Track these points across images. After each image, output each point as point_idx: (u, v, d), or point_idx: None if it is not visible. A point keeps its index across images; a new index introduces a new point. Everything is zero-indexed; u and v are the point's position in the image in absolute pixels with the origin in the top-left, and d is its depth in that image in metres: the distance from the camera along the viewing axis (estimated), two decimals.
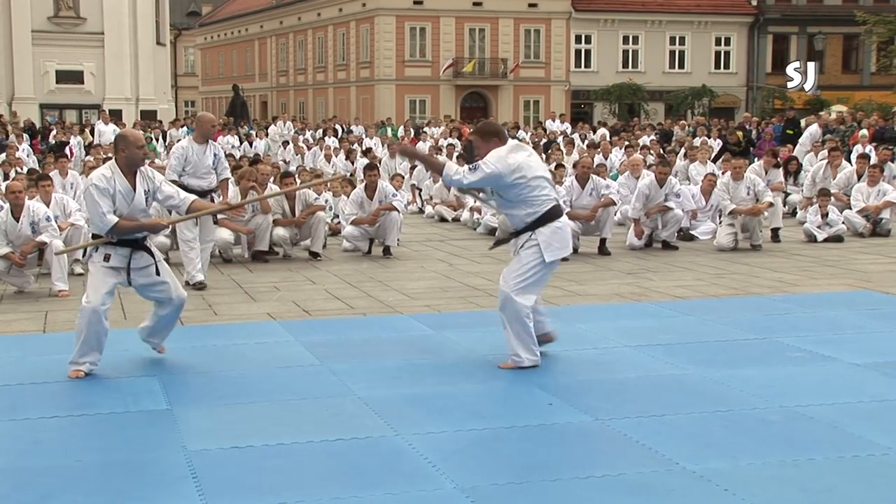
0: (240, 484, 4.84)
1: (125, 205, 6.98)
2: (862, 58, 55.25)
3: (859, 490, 4.73)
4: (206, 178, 10.77)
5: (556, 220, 6.99)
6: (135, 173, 7.08)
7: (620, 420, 5.78)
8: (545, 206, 6.95)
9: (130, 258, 7.07)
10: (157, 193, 7.20)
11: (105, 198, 6.91)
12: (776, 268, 11.94)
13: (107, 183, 6.94)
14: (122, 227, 6.94)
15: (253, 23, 63.53)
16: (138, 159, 7.08)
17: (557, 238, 6.97)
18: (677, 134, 30.57)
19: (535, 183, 6.91)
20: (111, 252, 7.03)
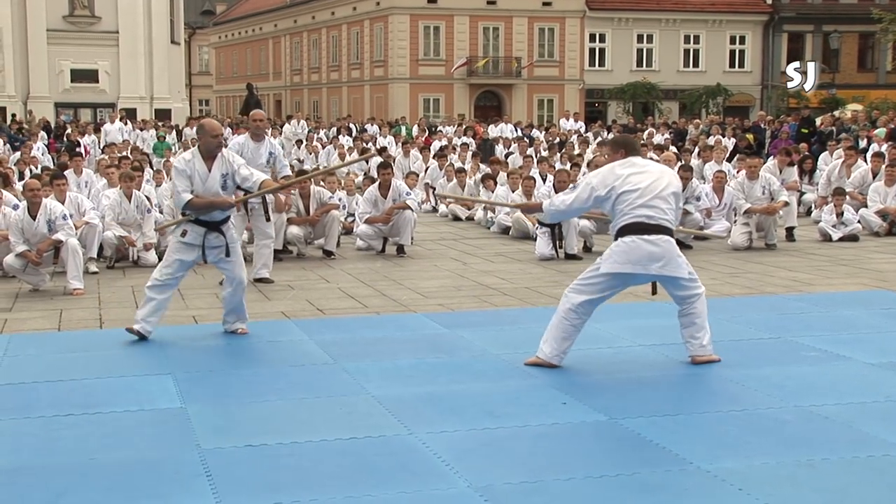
0: (253, 482, 4.84)
1: (200, 185, 7.92)
2: (878, 56, 55.02)
3: (874, 490, 4.71)
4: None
5: (630, 234, 6.80)
6: (214, 158, 7.98)
7: (634, 419, 5.76)
8: (625, 219, 6.82)
9: (205, 237, 7.96)
10: (236, 176, 8.04)
11: (182, 178, 7.93)
12: (791, 267, 11.90)
13: (185, 165, 7.98)
14: (195, 203, 7.90)
15: (267, 21, 63.64)
16: (213, 147, 8.02)
17: (621, 251, 6.81)
18: (691, 133, 30.51)
19: (625, 197, 6.81)
20: (189, 229, 7.98)
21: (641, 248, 6.78)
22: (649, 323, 8.50)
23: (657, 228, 6.82)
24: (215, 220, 8.03)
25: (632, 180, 6.84)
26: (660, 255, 6.79)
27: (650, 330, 8.19)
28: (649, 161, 7.37)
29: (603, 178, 6.92)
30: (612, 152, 7.23)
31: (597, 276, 6.93)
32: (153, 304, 7.95)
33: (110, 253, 12.14)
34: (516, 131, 33.30)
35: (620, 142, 7.33)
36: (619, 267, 6.83)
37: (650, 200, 6.81)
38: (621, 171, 6.91)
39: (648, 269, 6.83)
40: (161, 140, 29.29)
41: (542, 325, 8.47)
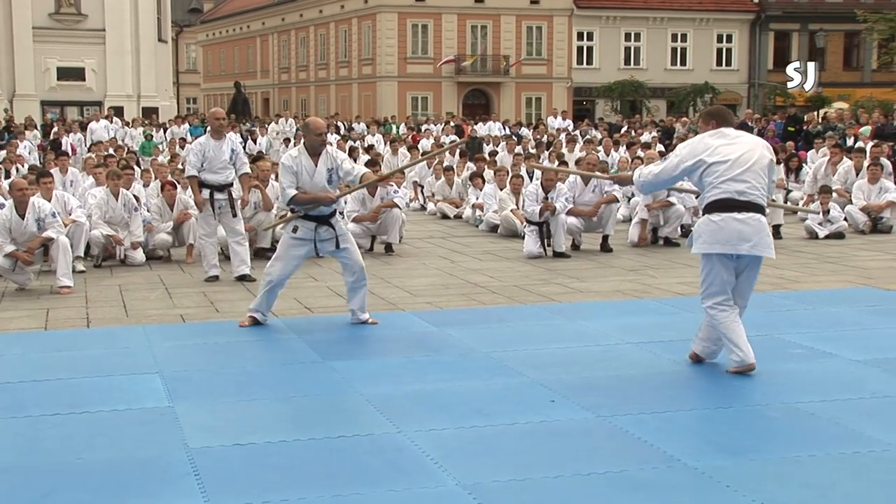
0: (241, 481, 4.84)
1: (308, 180, 8.17)
2: (863, 55, 55.21)
3: (860, 486, 4.73)
4: (222, 172, 10.84)
5: (718, 211, 6.53)
6: (319, 154, 8.24)
7: (622, 417, 5.78)
8: (714, 194, 6.54)
9: (316, 231, 8.23)
10: (339, 171, 8.31)
11: (289, 174, 8.19)
12: (777, 264, 11.92)
13: (292, 162, 8.23)
14: (299, 198, 8.18)
15: (254, 20, 63.52)
16: (317, 144, 8.29)
17: (709, 230, 6.57)
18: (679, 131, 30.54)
19: (714, 169, 6.54)
20: (299, 225, 8.28)
21: (731, 227, 6.51)
22: (637, 321, 8.52)
23: (748, 205, 6.54)
24: (324, 215, 8.29)
25: (721, 151, 6.57)
26: (750, 234, 6.53)
27: (638, 328, 8.21)
28: (742, 132, 7.02)
29: (692, 149, 6.68)
30: (703, 124, 6.94)
31: (704, 266, 6.72)
32: (267, 295, 8.39)
33: (97, 252, 12.11)
34: (504, 129, 33.32)
35: (713, 112, 7.01)
36: (709, 247, 6.60)
37: (741, 174, 6.53)
38: (711, 141, 6.66)
39: (739, 249, 6.56)
40: (148, 139, 29.19)
41: (530, 322, 8.54)
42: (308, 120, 8.90)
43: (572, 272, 11.38)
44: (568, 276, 11.14)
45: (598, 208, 13.24)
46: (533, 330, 8.29)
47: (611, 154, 22.62)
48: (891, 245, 13.68)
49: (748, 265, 6.76)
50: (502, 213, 14.86)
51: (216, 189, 10.83)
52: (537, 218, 12.73)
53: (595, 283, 10.68)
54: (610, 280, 10.87)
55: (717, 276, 6.70)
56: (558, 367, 6.99)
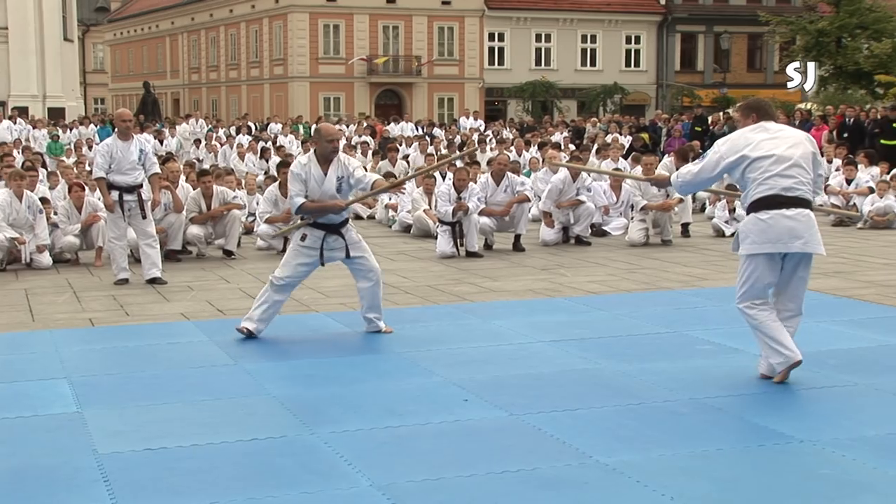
0: (153, 487, 4.78)
1: (317, 188, 7.91)
2: (766, 57, 56.48)
3: (765, 478, 4.84)
4: (130, 174, 10.66)
5: (766, 209, 6.24)
6: (330, 162, 7.98)
7: (535, 415, 5.83)
8: (760, 191, 6.25)
9: (324, 240, 7.98)
10: (351, 179, 8.02)
11: (297, 182, 7.94)
12: (686, 262, 12.15)
13: (301, 169, 7.98)
14: (307, 207, 7.93)
15: (163, 19, 62.67)
16: (328, 151, 8.00)
17: (758, 230, 6.27)
18: (589, 131, 30.93)
19: (758, 165, 6.25)
20: (308, 233, 8.03)
21: (781, 224, 6.22)
22: (548, 319, 8.61)
23: (796, 201, 6.24)
24: (333, 223, 8.04)
25: (765, 146, 6.28)
26: (801, 230, 6.24)
27: (549, 326, 8.29)
28: (784, 126, 6.74)
29: (733, 144, 6.38)
30: (743, 117, 6.63)
31: (746, 268, 6.43)
32: (267, 305, 8.01)
33: (1, 255, 11.84)
34: (417, 130, 33.37)
35: (753, 105, 6.68)
36: (758, 248, 6.30)
37: (787, 169, 6.25)
38: (752, 135, 6.36)
39: (790, 248, 6.27)
40: (55, 140, 28.61)
41: (443, 322, 8.58)
42: (320, 126, 8.68)
43: (485, 272, 11.45)
44: (481, 275, 11.20)
45: (510, 208, 13.34)
46: (446, 330, 8.32)
47: (522, 154, 22.80)
48: None
49: (798, 263, 6.45)
50: (415, 213, 14.88)
51: (125, 191, 10.66)
52: (450, 218, 12.78)
53: (507, 283, 10.76)
54: (522, 279, 10.96)
55: (759, 277, 6.41)
56: (471, 366, 7.03)
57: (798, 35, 43.36)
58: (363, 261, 8.12)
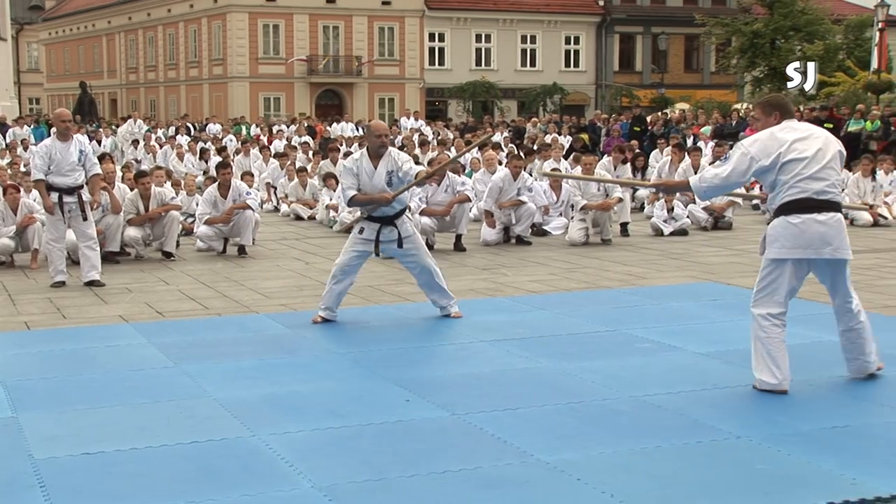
0: (90, 491, 4.73)
1: (367, 182, 8.40)
2: (702, 58, 57.16)
3: (703, 474, 4.90)
4: (70, 174, 10.51)
5: (797, 213, 6.04)
6: (381, 156, 8.44)
7: (476, 414, 5.85)
8: (791, 194, 6.06)
9: (380, 232, 8.45)
10: (400, 172, 8.43)
11: (350, 176, 8.46)
12: (625, 261, 12.26)
13: (353, 164, 8.51)
14: (357, 199, 8.47)
15: (100, 18, 61.88)
16: (377, 146, 8.49)
17: (788, 234, 6.06)
18: (530, 131, 31.07)
19: (790, 167, 6.06)
20: (365, 226, 8.53)
21: (813, 229, 6.03)
22: (490, 319, 8.64)
23: (828, 205, 6.06)
24: (387, 215, 8.47)
25: (797, 147, 6.07)
26: (832, 236, 6.07)
27: (491, 326, 8.32)
28: (808, 124, 6.59)
29: (764, 146, 6.11)
30: (764, 115, 6.41)
31: (770, 271, 6.19)
32: (335, 291, 8.50)
33: None
34: (357, 130, 33.29)
35: (774, 103, 6.48)
36: (788, 252, 6.08)
37: (819, 171, 6.05)
38: (783, 136, 6.13)
39: (822, 254, 6.08)
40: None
41: (384, 322, 8.58)
42: (371, 123, 9.22)
43: None
44: None
45: (450, 208, 13.36)
46: (387, 330, 8.33)
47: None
48: (731, 241, 14.19)
49: (833, 269, 6.25)
50: (356, 213, 14.83)
51: (65, 192, 10.51)
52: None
53: (449, 283, 10.71)
54: (463, 279, 10.98)
55: (783, 283, 6.18)
56: (413, 366, 7.04)
57: (734, 36, 43.95)
58: (414, 255, 8.61)
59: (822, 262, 6.18)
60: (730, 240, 14.36)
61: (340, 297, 8.60)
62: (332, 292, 8.53)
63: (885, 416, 5.79)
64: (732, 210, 15.82)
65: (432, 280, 8.68)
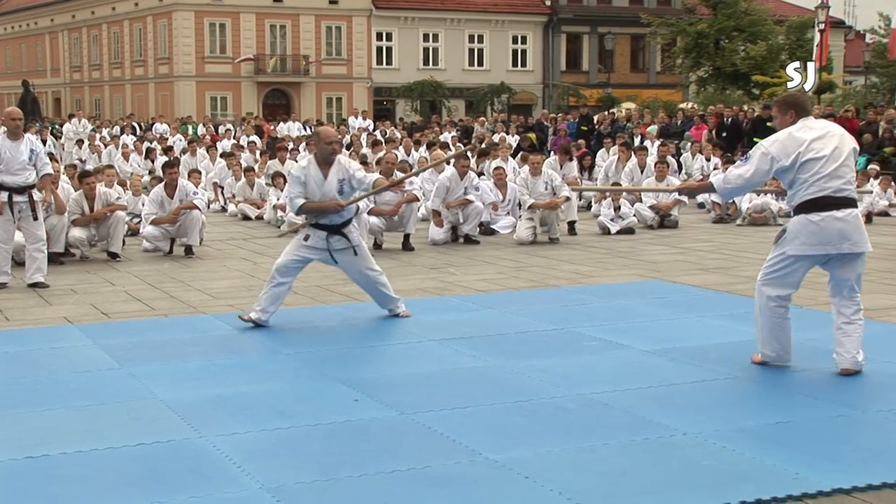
0: (35, 496, 4.67)
1: (316, 191, 8.13)
2: (648, 57, 57.64)
3: (650, 470, 4.95)
4: (21, 174, 10.35)
5: (817, 211, 6.28)
6: (330, 164, 8.19)
7: (425, 413, 5.86)
8: (810, 192, 6.29)
9: (328, 241, 8.24)
10: (352, 180, 8.23)
11: (297, 184, 8.19)
12: (573, 260, 12.33)
13: (301, 172, 8.24)
14: (306, 207, 8.19)
15: (42, 16, 61.07)
16: (328, 153, 8.22)
17: (808, 231, 6.31)
18: (477, 130, 31.15)
19: (810, 166, 6.27)
20: (310, 233, 8.29)
21: (832, 226, 6.29)
22: (438, 318, 8.65)
23: (845, 202, 6.33)
24: (334, 224, 8.25)
25: (815, 147, 6.29)
26: (850, 231, 6.33)
27: (439, 325, 8.33)
28: (827, 122, 6.76)
29: (783, 146, 6.33)
30: (780, 114, 6.59)
31: (784, 261, 6.49)
32: (273, 293, 8.30)
33: None
34: (305, 129, 33.16)
35: (791, 102, 6.68)
36: (809, 249, 6.36)
37: (837, 170, 6.29)
38: (801, 135, 6.34)
39: (840, 249, 6.35)
40: None
41: (332, 322, 8.56)
42: (319, 129, 8.82)
43: None
44: None
45: (398, 207, 13.37)
46: (335, 330, 8.31)
47: (411, 153, 22.85)
48: (677, 239, 14.33)
49: (849, 262, 6.48)
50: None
51: (15, 192, 10.37)
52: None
53: (397, 282, 10.74)
54: (412, 278, 10.99)
55: (797, 273, 6.54)
56: (361, 366, 7.04)
57: (679, 37, 44.38)
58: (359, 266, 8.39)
59: (839, 256, 6.42)
60: (676, 238, 14.49)
61: (278, 301, 8.36)
62: (270, 294, 8.31)
63: (826, 412, 5.88)
64: (678, 209, 15.97)
65: (376, 288, 8.56)
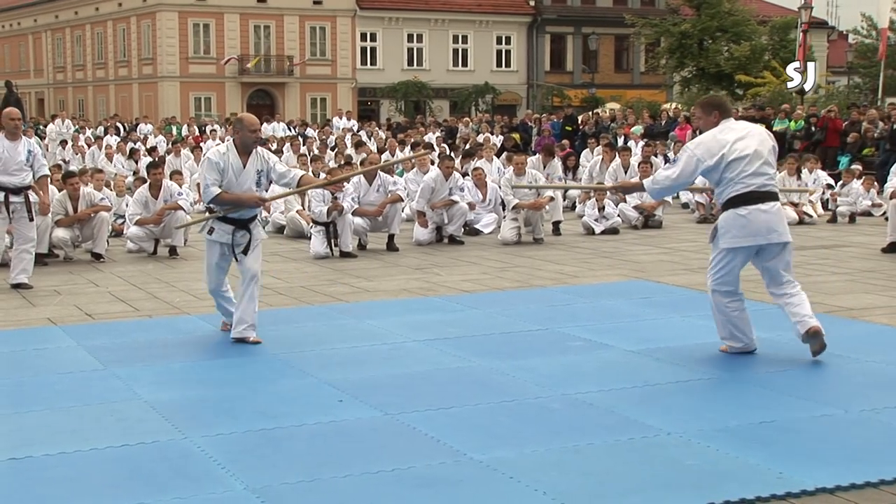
0: (19, 497, 4.66)
1: (234, 180, 7.69)
2: (632, 58, 57.74)
3: (635, 470, 4.96)
4: (17, 174, 10.31)
5: (744, 205, 6.71)
6: (249, 153, 7.74)
7: (410, 414, 5.86)
8: (737, 189, 6.71)
9: (233, 235, 7.74)
10: (272, 173, 7.84)
11: (214, 171, 7.66)
12: (557, 260, 12.35)
13: (220, 158, 7.70)
14: (223, 198, 7.66)
15: (26, 16, 60.81)
16: (251, 142, 7.78)
17: (738, 225, 6.74)
18: (462, 131, 31.16)
19: (734, 166, 6.69)
20: (216, 227, 7.79)
21: (759, 219, 6.72)
22: (423, 318, 8.66)
23: (769, 195, 6.78)
24: (244, 218, 7.82)
25: (738, 147, 6.70)
26: (776, 223, 6.78)
27: (424, 325, 8.34)
28: (744, 122, 7.25)
29: (708, 148, 6.73)
30: (704, 114, 6.99)
31: (724, 258, 6.89)
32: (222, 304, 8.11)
33: None
34: (289, 130, 33.12)
35: (714, 103, 7.10)
36: (741, 241, 6.77)
37: (760, 167, 6.73)
38: (724, 137, 6.76)
39: (769, 239, 6.78)
40: None
41: (317, 323, 8.55)
42: (242, 115, 8.23)
43: (359, 272, 11.45)
44: (355, 275, 11.19)
45: (383, 208, 13.37)
46: (320, 330, 8.30)
47: (395, 154, 22.84)
48: (661, 239, 14.37)
49: (776, 253, 6.89)
50: (288, 213, 14.79)
51: (11, 192, 10.34)
52: (324, 218, 12.73)
53: (382, 283, 10.78)
54: (396, 279, 10.99)
55: (736, 267, 6.94)
56: (346, 366, 7.03)
57: (662, 37, 44.46)
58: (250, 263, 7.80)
59: (768, 246, 6.83)
60: (660, 238, 14.53)
61: (231, 303, 8.00)
62: (221, 306, 8.13)
63: (809, 411, 5.91)
64: (662, 209, 16.02)
65: (252, 289, 7.75)
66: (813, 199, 16.79)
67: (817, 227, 15.81)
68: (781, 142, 23.10)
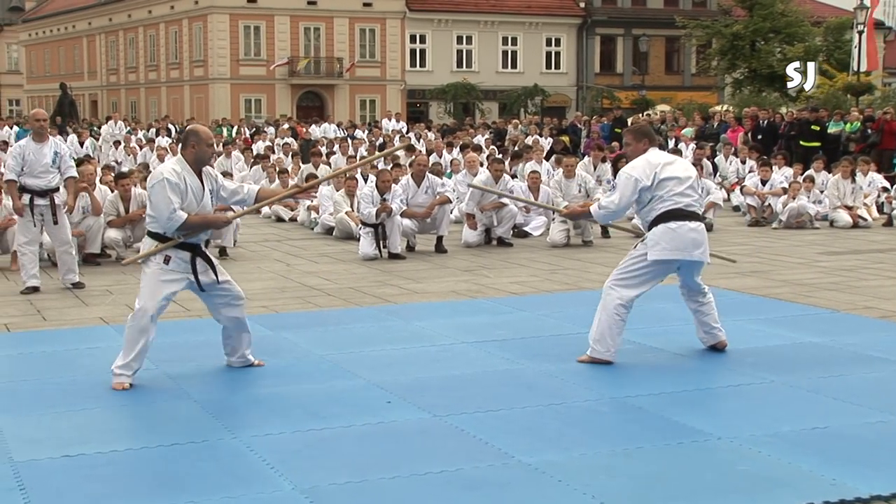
0: (70, 494, 4.71)
1: (195, 202, 6.66)
2: (683, 60, 57.35)
3: (684, 475, 4.92)
4: (43, 177, 10.34)
5: (674, 220, 7.05)
6: (200, 171, 6.76)
7: (458, 416, 5.86)
8: (667, 205, 7.06)
9: (194, 263, 6.69)
10: (222, 191, 6.90)
11: (175, 194, 6.55)
12: (606, 262, 12.26)
13: (178, 178, 6.60)
14: (191, 222, 6.60)
15: (80, 19, 61.60)
16: (206, 157, 6.83)
17: (668, 238, 7.04)
18: (511, 133, 31.10)
19: (665, 185, 7.06)
20: (172, 255, 6.65)
21: (686, 235, 7.06)
22: (471, 320, 8.64)
23: (695, 216, 7.18)
24: (198, 243, 6.79)
25: (668, 169, 7.10)
26: (700, 241, 7.13)
27: (472, 327, 8.32)
28: (668, 153, 7.79)
29: (643, 170, 7.08)
30: (635, 141, 7.32)
31: (643, 266, 7.14)
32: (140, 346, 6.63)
33: None
34: (339, 131, 33.26)
35: (644, 131, 7.47)
36: (668, 254, 7.04)
37: (687, 189, 7.12)
38: (655, 159, 7.15)
39: (693, 255, 7.11)
40: None
41: (366, 324, 8.57)
42: (197, 128, 7.06)
43: (407, 273, 11.46)
44: (403, 277, 11.21)
45: (431, 209, 13.37)
46: (369, 332, 8.31)
47: (444, 156, 22.85)
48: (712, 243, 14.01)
49: (697, 269, 7.33)
50: (337, 215, 14.84)
51: (37, 194, 10.35)
52: (373, 219, 12.75)
53: (430, 284, 10.78)
54: (445, 281, 10.99)
55: (651, 278, 7.22)
56: (394, 368, 7.04)
57: (714, 38, 44.10)
58: (230, 285, 6.95)
59: (689, 262, 7.21)
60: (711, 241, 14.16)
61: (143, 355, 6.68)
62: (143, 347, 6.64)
63: (863, 417, 5.82)
64: (714, 211, 15.86)
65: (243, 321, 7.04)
66: (868, 202, 16.56)
67: (872, 230, 15.59)
68: (836, 145, 22.86)
